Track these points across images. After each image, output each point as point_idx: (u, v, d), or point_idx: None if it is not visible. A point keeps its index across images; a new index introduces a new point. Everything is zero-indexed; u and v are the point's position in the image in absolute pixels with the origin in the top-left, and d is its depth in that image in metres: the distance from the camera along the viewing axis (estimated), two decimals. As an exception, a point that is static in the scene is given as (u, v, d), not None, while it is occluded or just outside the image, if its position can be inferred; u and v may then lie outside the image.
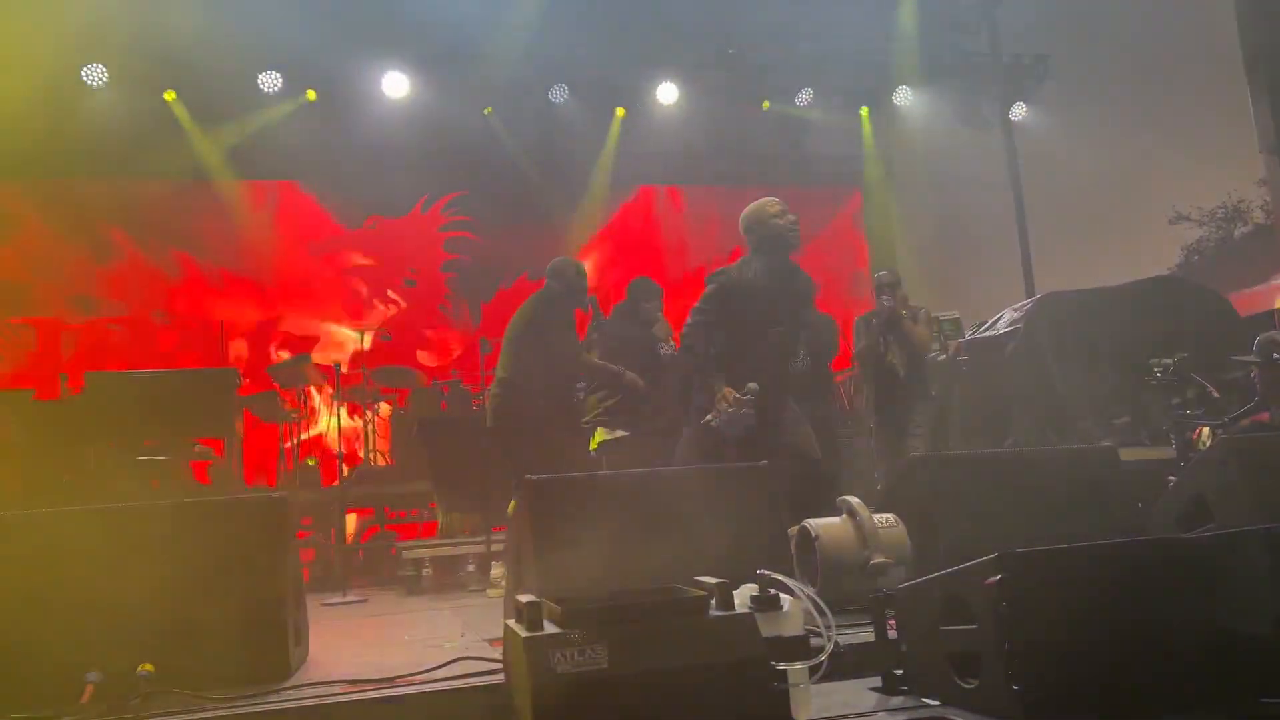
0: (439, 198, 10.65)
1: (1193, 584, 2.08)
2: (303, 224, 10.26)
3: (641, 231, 11.00)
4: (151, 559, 2.82)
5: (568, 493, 3.09)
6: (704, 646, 1.96)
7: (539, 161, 10.35)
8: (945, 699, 2.17)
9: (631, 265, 10.32)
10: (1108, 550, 2.10)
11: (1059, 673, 1.93)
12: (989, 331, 7.43)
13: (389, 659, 3.01)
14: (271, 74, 9.21)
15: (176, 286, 9.86)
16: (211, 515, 2.95)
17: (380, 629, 4.25)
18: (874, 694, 2.34)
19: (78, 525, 2.87)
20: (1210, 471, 3.43)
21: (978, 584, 2.01)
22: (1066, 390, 6.80)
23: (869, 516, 3.37)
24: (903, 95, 10.55)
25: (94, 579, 2.77)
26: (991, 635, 1.97)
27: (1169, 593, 2.05)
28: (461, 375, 8.97)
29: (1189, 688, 1.97)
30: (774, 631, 2.12)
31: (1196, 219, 13.56)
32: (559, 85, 9.86)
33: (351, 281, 10.32)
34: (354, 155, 9.80)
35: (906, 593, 2.39)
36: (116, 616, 2.72)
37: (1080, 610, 1.97)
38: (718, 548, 3.04)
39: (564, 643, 1.90)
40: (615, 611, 2.00)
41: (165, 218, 9.91)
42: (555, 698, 1.86)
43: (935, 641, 2.21)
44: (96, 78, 8.84)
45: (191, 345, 9.74)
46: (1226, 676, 1.96)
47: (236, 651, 2.75)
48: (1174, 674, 1.98)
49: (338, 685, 2.58)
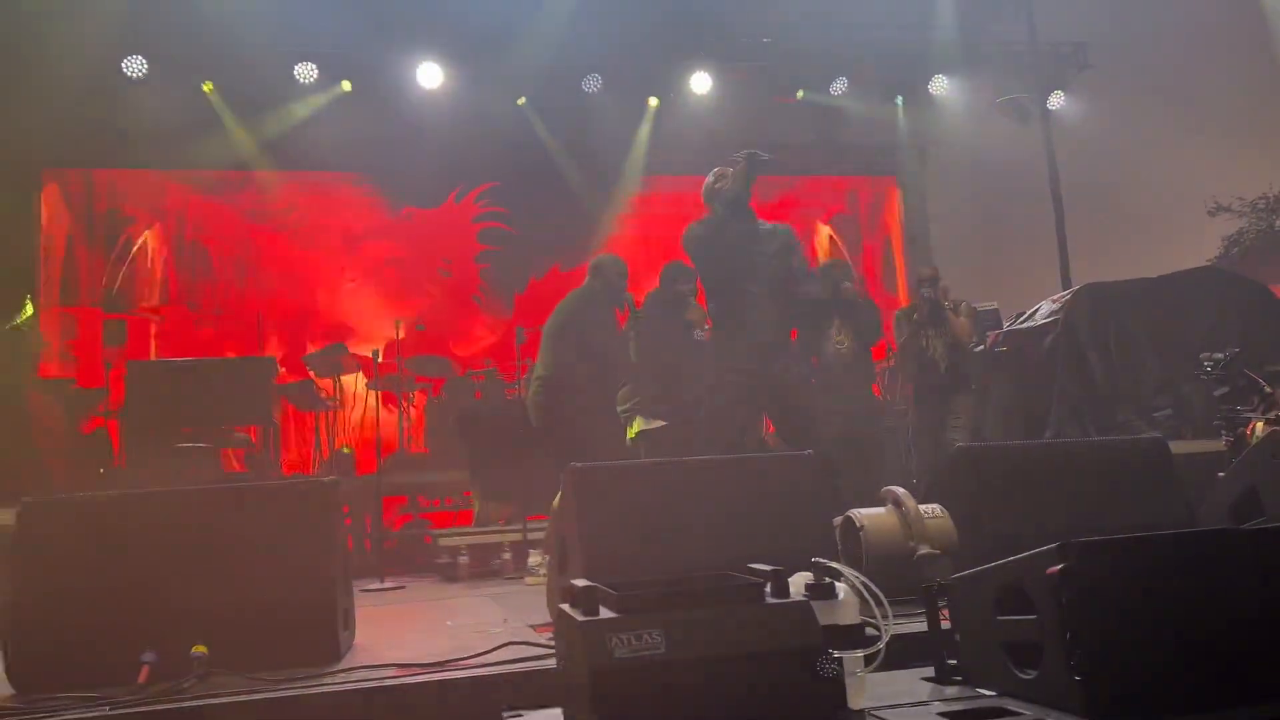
0: (472, 188, 10.68)
1: (1255, 577, 2.05)
2: (338, 214, 10.33)
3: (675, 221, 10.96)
4: (203, 542, 2.86)
5: (612, 481, 3.09)
6: (761, 633, 1.95)
7: (572, 152, 10.34)
8: (1002, 689, 2.15)
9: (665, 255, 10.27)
10: (1170, 541, 2.07)
11: (1120, 664, 1.90)
12: (1027, 323, 7.36)
13: (437, 644, 3.03)
14: (307, 65, 9.26)
15: (215, 276, 9.97)
16: (263, 499, 2.99)
17: (423, 615, 4.28)
18: (928, 684, 2.33)
19: (131, 508, 2.92)
20: (1262, 464, 3.38)
21: (1038, 573, 1.98)
22: (1106, 382, 6.73)
23: (915, 507, 3.35)
24: (939, 84, 10.45)
25: (147, 562, 2.82)
26: (1053, 625, 1.95)
27: (1231, 585, 2.02)
28: (496, 365, 9.01)
29: (1252, 682, 1.94)
30: (829, 620, 2.10)
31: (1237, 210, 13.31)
32: (592, 75, 9.84)
33: (386, 271, 10.38)
34: (389, 146, 9.84)
35: (960, 582, 2.37)
36: (170, 599, 2.76)
37: (1142, 601, 1.95)
38: (762, 536, 3.04)
39: (621, 627, 1.90)
40: (672, 597, 1.99)
41: (204, 208, 10.02)
42: (614, 682, 1.86)
43: (991, 631, 2.19)
44: (136, 69, 8.92)
45: (229, 334, 9.84)
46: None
47: (287, 634, 2.78)
48: (1236, 667, 1.95)
49: (390, 669, 2.61)
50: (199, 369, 8.26)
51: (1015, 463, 3.54)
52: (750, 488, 3.15)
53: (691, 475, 3.15)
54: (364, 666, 2.67)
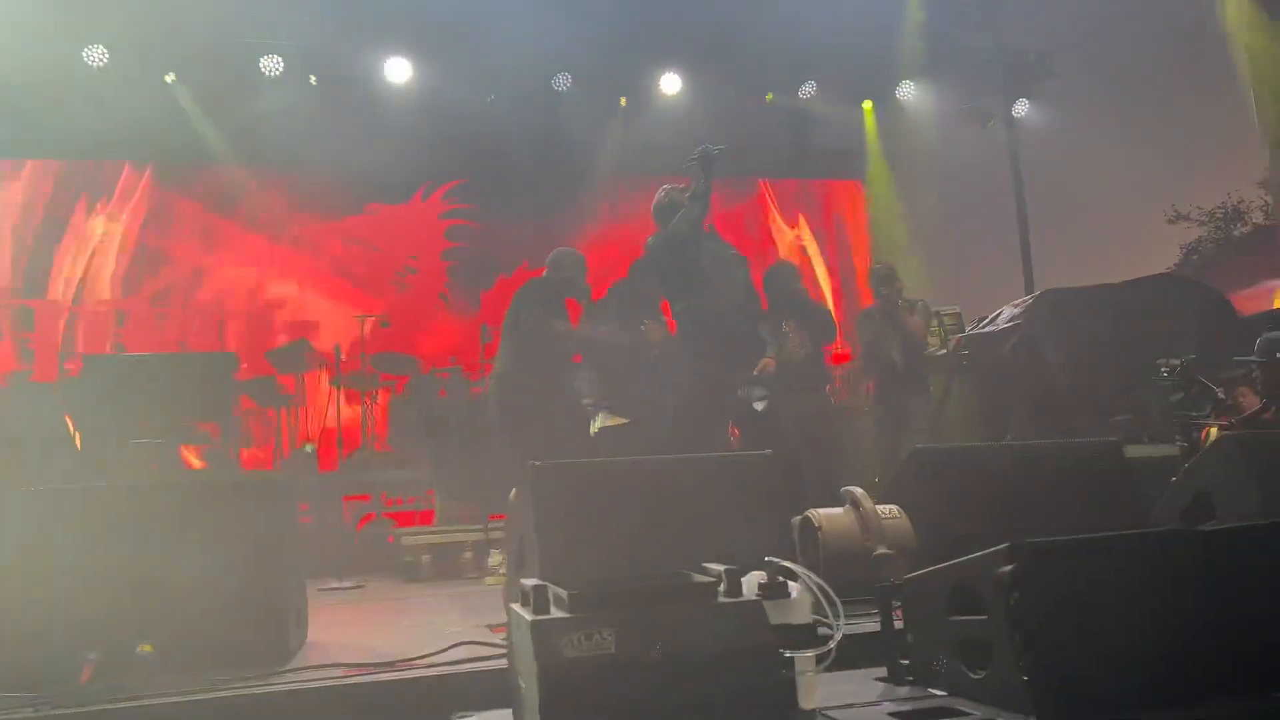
0: (440, 185, 10.62)
1: (1202, 577, 2.07)
2: (303, 209, 10.21)
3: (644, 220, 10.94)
4: (152, 539, 2.81)
5: (572, 479, 3.08)
6: (712, 632, 1.94)
7: (541, 150, 10.28)
8: (952, 689, 2.16)
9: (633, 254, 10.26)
10: (1119, 542, 2.09)
11: (1069, 664, 1.92)
12: (989, 327, 7.41)
13: (389, 643, 3.00)
14: (273, 58, 9.14)
15: (177, 270, 9.82)
16: (214, 495, 2.94)
17: (379, 614, 4.24)
18: (880, 684, 2.33)
19: (79, 504, 2.86)
20: (1213, 467, 3.42)
21: (988, 574, 1.99)
22: (1065, 386, 6.80)
23: (872, 507, 3.35)
24: (906, 89, 10.52)
25: (94, 558, 2.76)
26: (1002, 625, 1.95)
27: (1179, 586, 2.04)
28: (461, 363, 8.95)
29: (1199, 681, 1.96)
30: (782, 619, 2.10)
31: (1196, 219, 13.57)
32: (562, 74, 9.80)
33: (352, 267, 10.28)
34: (355, 141, 9.72)
35: (913, 583, 2.38)
36: (116, 596, 2.71)
37: (1091, 601, 1.96)
38: (720, 536, 3.03)
39: (572, 627, 1.88)
40: (623, 596, 1.98)
41: (166, 201, 9.87)
42: (563, 682, 1.84)
43: (943, 632, 2.20)
44: (98, 58, 8.77)
45: (191, 329, 9.70)
46: (1236, 670, 1.95)
47: (236, 633, 2.74)
48: (1183, 667, 1.97)
49: (339, 668, 2.57)
50: (158, 363, 8.14)
51: (972, 464, 3.56)
52: (709, 487, 3.14)
53: (650, 475, 3.14)
54: (313, 666, 2.64)
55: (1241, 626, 2.01)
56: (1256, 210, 13.24)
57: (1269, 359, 4.90)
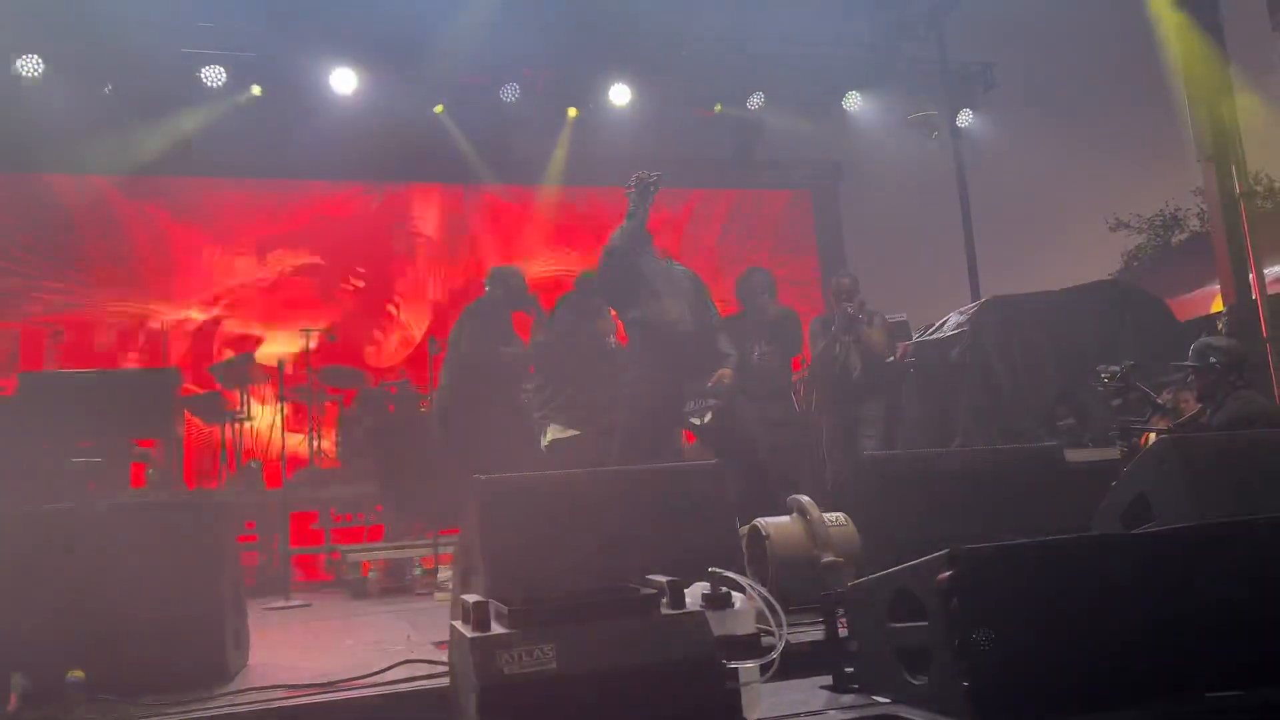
0: (387, 196, 10.53)
1: (1138, 580, 2.10)
2: (248, 221, 10.05)
3: (593, 230, 10.95)
4: (83, 562, 2.73)
5: (518, 493, 3.05)
6: (655, 645, 1.93)
7: (490, 160, 10.24)
8: (895, 696, 2.17)
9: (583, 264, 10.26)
10: (1056, 546, 2.11)
11: (1008, 668, 1.93)
12: (936, 334, 7.52)
13: (332, 663, 2.94)
14: (215, 68, 8.96)
15: (117, 284, 9.61)
16: (146, 518, 2.86)
17: (324, 633, 4.17)
18: (825, 692, 2.33)
19: (7, 527, 2.77)
20: (1150, 471, 3.48)
21: (928, 580, 2.00)
22: (1010, 392, 6.91)
23: (819, 515, 3.37)
24: (852, 100, 10.63)
25: (22, 583, 2.67)
26: (941, 631, 1.96)
27: (1116, 588, 2.06)
28: (410, 376, 8.85)
29: (1136, 682, 1.98)
30: (725, 630, 2.10)
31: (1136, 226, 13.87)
32: (510, 84, 9.77)
33: (297, 280, 10.13)
34: (301, 152, 9.61)
35: (857, 590, 2.39)
36: (45, 621, 2.63)
37: (1029, 606, 1.98)
38: (669, 547, 3.02)
39: (511, 643, 1.86)
40: (564, 611, 1.96)
41: (105, 214, 9.66)
42: (503, 700, 1.82)
43: (885, 639, 2.21)
44: (32, 69, 8.55)
45: (132, 345, 9.50)
46: (1173, 671, 1.98)
47: (172, 657, 2.67)
48: (1121, 669, 1.99)
49: (278, 690, 2.52)
50: (97, 380, 7.95)
51: (917, 470, 3.60)
52: (656, 498, 3.14)
53: (596, 486, 3.12)
54: (253, 688, 2.58)
55: (1179, 628, 2.04)
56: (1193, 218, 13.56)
57: (1203, 364, 5.02)
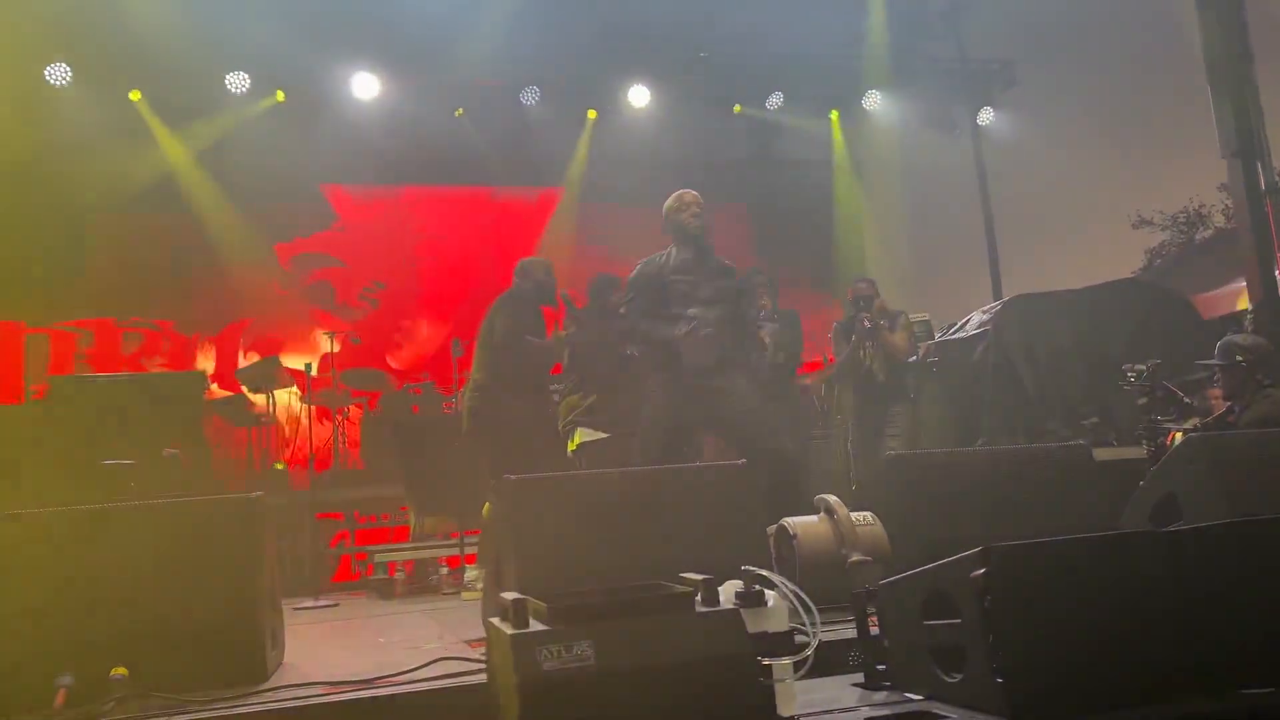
0: (409, 200, 10.60)
1: (1170, 577, 2.11)
2: (272, 226, 10.14)
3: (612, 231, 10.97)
4: (125, 561, 2.78)
5: (547, 492, 3.08)
6: (690, 642, 1.96)
7: (511, 163, 10.31)
8: (929, 693, 2.18)
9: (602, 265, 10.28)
10: (1089, 544, 2.12)
11: (1043, 665, 1.94)
12: (958, 333, 7.51)
13: (367, 661, 2.98)
14: (240, 74, 9.08)
15: (143, 289, 9.71)
16: (186, 516, 2.91)
17: (355, 632, 4.22)
18: (857, 689, 2.35)
19: (50, 527, 2.82)
20: (1180, 469, 3.48)
21: (962, 578, 2.02)
22: (1035, 391, 6.89)
23: (847, 515, 3.39)
24: (872, 99, 10.62)
25: (66, 582, 2.73)
26: (976, 629, 1.98)
27: (1148, 586, 2.07)
28: (433, 378, 8.92)
29: (1170, 679, 1.99)
30: (759, 627, 2.12)
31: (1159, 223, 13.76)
32: (530, 87, 9.83)
33: (321, 283, 10.22)
34: (323, 156, 9.71)
35: (888, 589, 2.41)
36: (89, 620, 2.68)
37: (1063, 603, 1.99)
38: (698, 546, 3.04)
39: (550, 639, 1.89)
40: (601, 608, 1.99)
41: (131, 219, 9.76)
42: (542, 695, 1.85)
43: (918, 636, 2.22)
44: (60, 77, 8.68)
45: (159, 349, 9.60)
46: (1206, 667, 1.99)
47: (212, 654, 2.72)
48: (1155, 665, 2.00)
49: (317, 687, 2.56)
50: (126, 384, 8.04)
51: (945, 470, 3.60)
52: (684, 498, 3.16)
53: (625, 486, 3.15)
54: (290, 685, 2.62)
55: (1210, 624, 2.05)
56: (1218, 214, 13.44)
57: (1229, 362, 5.00)
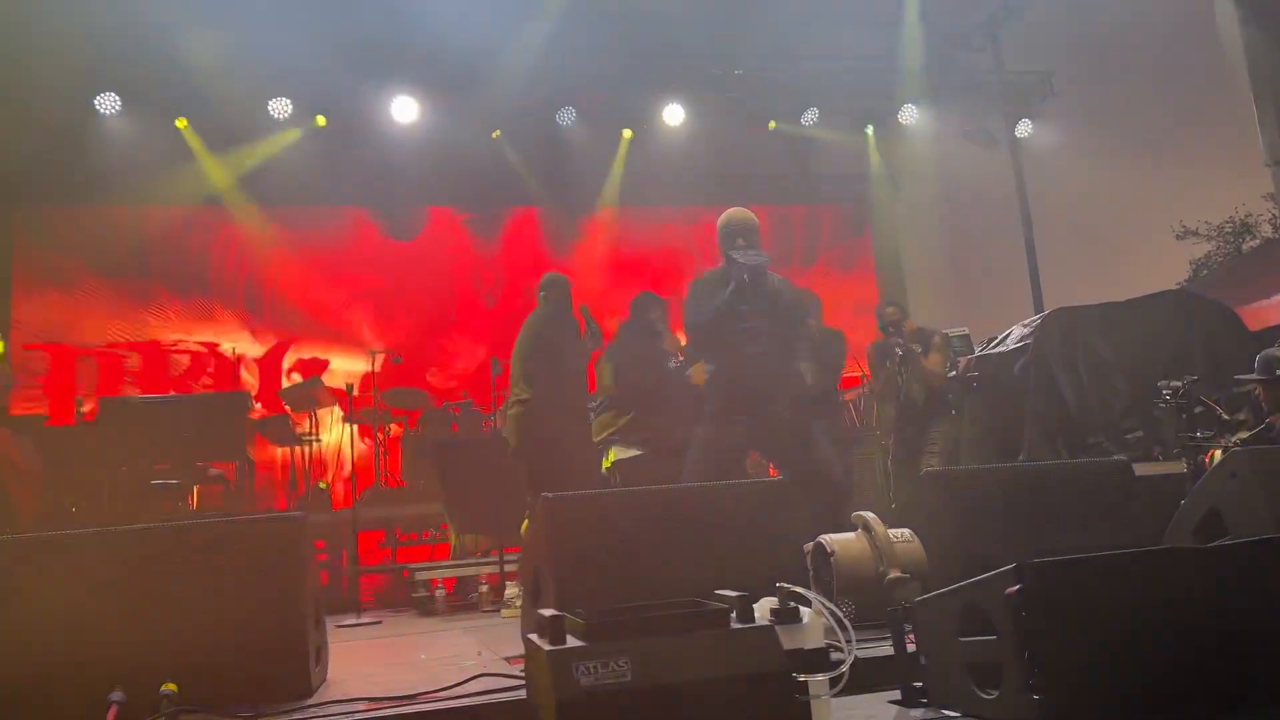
0: (448, 221, 10.73)
1: (1211, 593, 2.09)
2: (313, 248, 10.33)
3: (649, 250, 11.03)
4: (173, 579, 2.85)
5: (584, 510, 3.11)
6: (726, 658, 1.97)
7: (548, 184, 10.42)
8: (965, 710, 2.18)
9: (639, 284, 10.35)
10: (1125, 560, 2.11)
11: (1080, 682, 1.93)
12: (999, 347, 7.43)
13: (408, 678, 3.02)
14: (282, 100, 9.28)
15: (188, 312, 9.92)
16: (232, 535, 2.97)
17: (397, 649, 4.26)
18: (894, 706, 2.35)
19: (100, 546, 2.90)
20: (1223, 484, 3.43)
21: (997, 595, 2.02)
22: (1077, 405, 6.80)
23: (884, 532, 3.38)
24: (908, 113, 10.59)
25: (116, 600, 2.79)
26: (1012, 645, 1.98)
27: (1188, 602, 2.06)
28: (472, 396, 9.00)
29: (1210, 697, 1.97)
30: (794, 644, 2.12)
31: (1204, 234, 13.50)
32: (566, 108, 9.93)
33: (362, 304, 10.38)
34: (364, 180, 9.88)
35: (925, 605, 2.40)
36: (139, 637, 2.74)
37: (1100, 620, 1.98)
38: (733, 563, 3.05)
39: (588, 655, 1.91)
40: (638, 624, 2.01)
41: (178, 244, 9.99)
42: (580, 711, 1.87)
43: (954, 653, 2.22)
44: (109, 106, 8.93)
45: (204, 370, 9.79)
46: (1248, 685, 1.97)
47: (258, 671, 2.77)
48: (1195, 683, 1.98)
49: (360, 703, 2.60)
50: (173, 405, 8.22)
51: (984, 486, 3.58)
52: (720, 515, 3.17)
53: (662, 503, 3.17)
54: (335, 701, 2.66)
55: (1254, 641, 2.03)
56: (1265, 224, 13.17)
57: (1269, 376, 4.91)
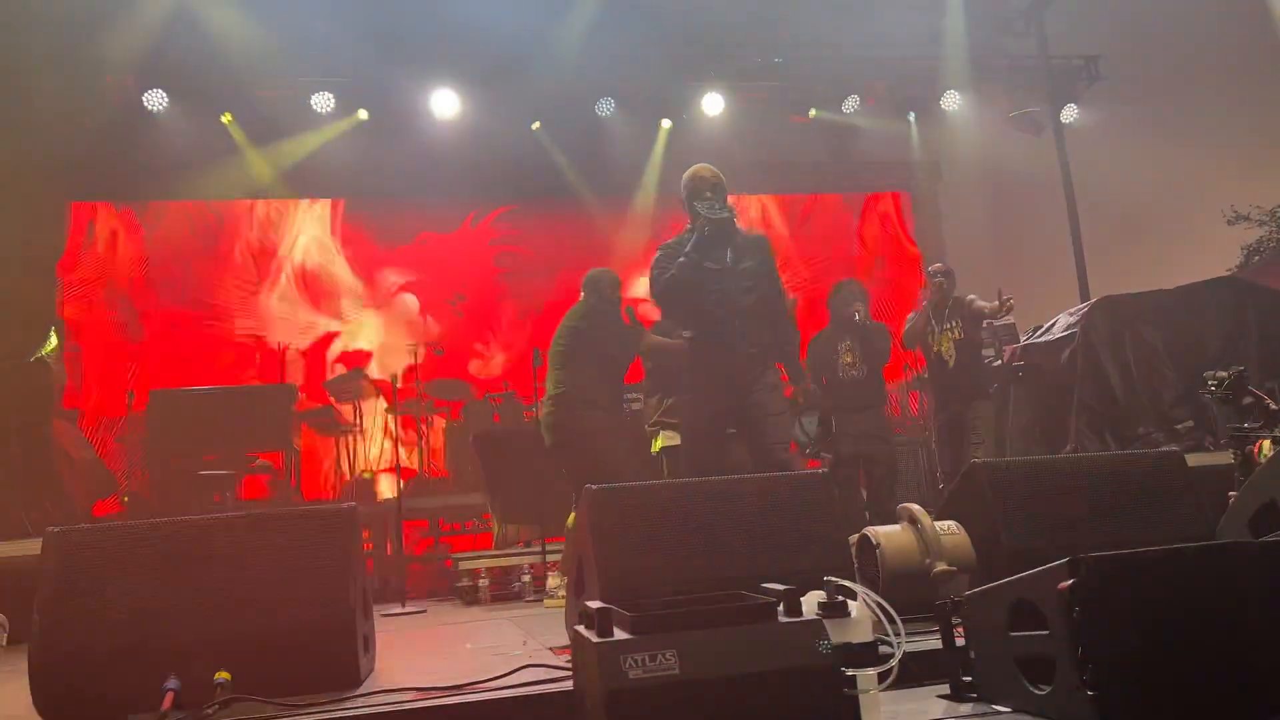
0: (488, 213, 10.79)
1: (1268, 589, 2.04)
2: (356, 241, 10.45)
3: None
4: (226, 569, 2.90)
5: (629, 502, 3.11)
6: (774, 652, 1.97)
7: (587, 175, 10.42)
8: (1016, 705, 2.16)
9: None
10: (1182, 554, 2.07)
11: (1133, 677, 1.91)
12: (1044, 336, 7.34)
13: (456, 667, 3.05)
14: (324, 95, 9.39)
15: (236, 304, 10.08)
16: (283, 525, 3.01)
17: (443, 638, 4.30)
18: (943, 701, 2.33)
19: (155, 535, 2.95)
20: (1278, 475, 3.36)
21: (1049, 588, 1.99)
22: (1125, 395, 6.70)
23: (930, 524, 3.35)
24: (951, 100, 10.46)
25: (172, 588, 2.85)
26: (1064, 640, 1.95)
27: (1245, 598, 2.02)
28: (514, 387, 9.06)
29: (1268, 696, 1.94)
30: (842, 638, 2.12)
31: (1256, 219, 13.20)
32: (605, 99, 9.93)
33: (404, 297, 10.47)
34: (405, 172, 9.96)
35: (974, 599, 2.38)
36: (193, 625, 2.80)
37: (1154, 615, 1.95)
38: (780, 556, 3.05)
39: (635, 648, 1.92)
40: (685, 617, 2.01)
41: (224, 238, 10.16)
42: (629, 703, 1.88)
43: (1005, 647, 2.20)
44: (157, 103, 9.08)
45: (250, 362, 9.95)
46: (1308, 682, 1.93)
47: (308, 660, 2.81)
48: (1251, 681, 1.95)
49: (409, 692, 2.63)
50: (220, 396, 8.37)
51: (1032, 477, 3.53)
52: (765, 507, 3.16)
53: (707, 495, 3.16)
54: (384, 690, 2.70)
55: (1311, 638, 1.99)
56: (1320, 207, 12.84)
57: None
